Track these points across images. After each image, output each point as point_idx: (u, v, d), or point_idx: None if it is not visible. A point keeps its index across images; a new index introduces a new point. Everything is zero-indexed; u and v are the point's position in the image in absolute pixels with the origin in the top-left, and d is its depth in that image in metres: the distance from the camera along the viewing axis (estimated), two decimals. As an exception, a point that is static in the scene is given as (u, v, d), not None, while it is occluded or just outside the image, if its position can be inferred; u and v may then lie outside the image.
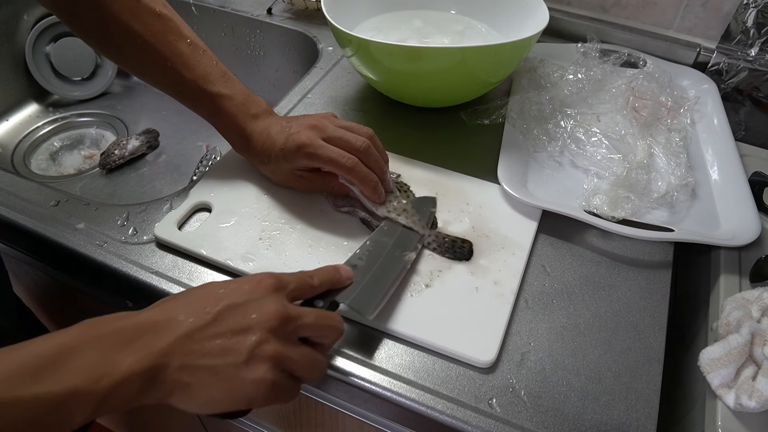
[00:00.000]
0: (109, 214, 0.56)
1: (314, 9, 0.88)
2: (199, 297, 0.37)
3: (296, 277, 0.41)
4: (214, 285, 0.39)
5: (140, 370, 0.32)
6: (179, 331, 0.34)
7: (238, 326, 0.36)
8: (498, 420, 0.42)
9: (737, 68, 0.75)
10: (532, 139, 0.65)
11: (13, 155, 0.90)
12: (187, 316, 0.35)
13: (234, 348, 0.35)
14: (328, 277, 0.43)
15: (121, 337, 0.33)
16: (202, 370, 0.34)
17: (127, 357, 0.32)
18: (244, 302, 0.37)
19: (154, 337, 0.33)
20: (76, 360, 0.31)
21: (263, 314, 0.36)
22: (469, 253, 0.52)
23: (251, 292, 0.38)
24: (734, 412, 0.41)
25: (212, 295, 0.37)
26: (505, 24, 0.75)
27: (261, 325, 0.36)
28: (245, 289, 0.38)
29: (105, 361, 0.32)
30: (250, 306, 0.37)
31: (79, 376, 0.31)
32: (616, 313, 0.50)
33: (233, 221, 0.54)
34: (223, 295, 0.37)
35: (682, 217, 0.58)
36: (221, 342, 0.35)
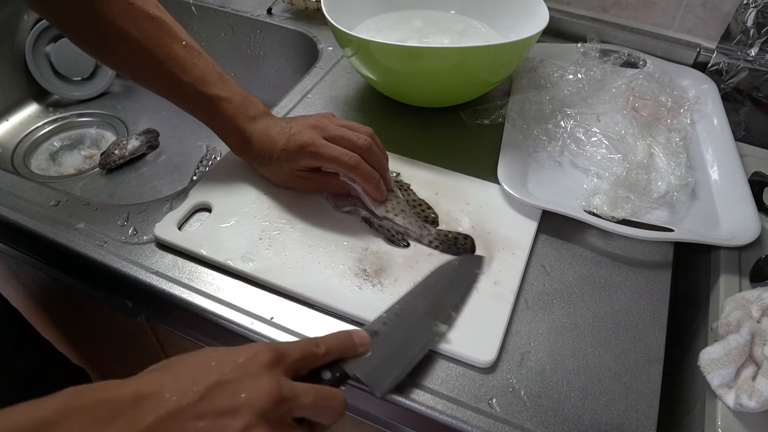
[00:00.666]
0: (109, 214, 0.56)
1: (314, 9, 0.88)
2: (189, 369, 0.34)
3: (300, 347, 0.38)
4: (207, 354, 0.35)
5: None
6: (163, 410, 0.31)
7: (225, 407, 0.33)
8: (498, 420, 0.42)
9: (737, 68, 0.75)
10: (532, 139, 0.65)
11: (13, 155, 0.90)
12: (173, 391, 0.32)
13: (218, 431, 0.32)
14: (338, 344, 0.40)
15: (104, 412, 0.31)
16: None
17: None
18: (235, 379, 0.34)
19: (136, 414, 0.31)
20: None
21: (255, 394, 0.33)
22: (471, 249, 0.53)
23: (245, 366, 0.34)
24: (734, 412, 0.41)
25: (203, 368, 0.34)
26: (505, 24, 0.75)
27: (251, 407, 0.33)
28: (239, 363, 0.35)
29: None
30: (241, 384, 0.34)
31: None
32: (616, 313, 0.50)
33: (233, 221, 0.54)
34: (214, 369, 0.34)
35: (682, 217, 0.58)
36: (206, 424, 0.32)
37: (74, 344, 0.82)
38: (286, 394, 0.34)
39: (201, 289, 0.50)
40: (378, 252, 0.52)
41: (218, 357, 0.35)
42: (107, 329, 0.70)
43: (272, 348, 0.36)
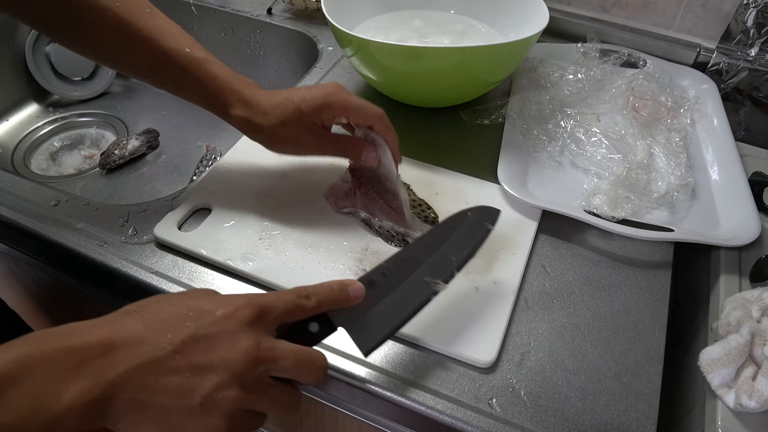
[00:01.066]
0: (109, 214, 0.56)
1: (314, 9, 0.88)
2: (164, 317, 0.32)
3: (286, 299, 0.36)
4: (184, 302, 0.33)
5: (84, 402, 0.29)
6: (134, 360, 0.30)
7: (199, 363, 0.31)
8: (498, 420, 0.42)
9: (737, 68, 0.75)
10: (532, 139, 0.65)
11: (13, 155, 0.90)
12: (145, 341, 0.30)
13: (190, 389, 0.31)
14: (330, 297, 0.38)
15: (69, 361, 0.29)
16: (153, 407, 0.31)
17: (71, 387, 0.28)
18: (212, 335, 0.32)
19: (104, 364, 0.29)
20: (13, 391, 0.27)
21: (231, 354, 0.32)
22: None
23: (224, 322, 0.32)
24: (734, 412, 0.41)
25: (178, 319, 0.32)
26: (505, 24, 0.75)
27: (226, 366, 0.31)
28: (218, 317, 0.33)
29: (45, 393, 0.28)
30: (218, 341, 0.32)
31: (18, 412, 0.27)
32: (616, 313, 0.50)
33: (233, 221, 0.54)
34: (191, 321, 0.32)
35: (682, 217, 0.58)
36: (177, 379, 0.31)
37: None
38: (264, 356, 0.33)
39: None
40: (378, 252, 0.52)
41: (196, 307, 0.33)
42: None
43: (255, 304, 0.34)
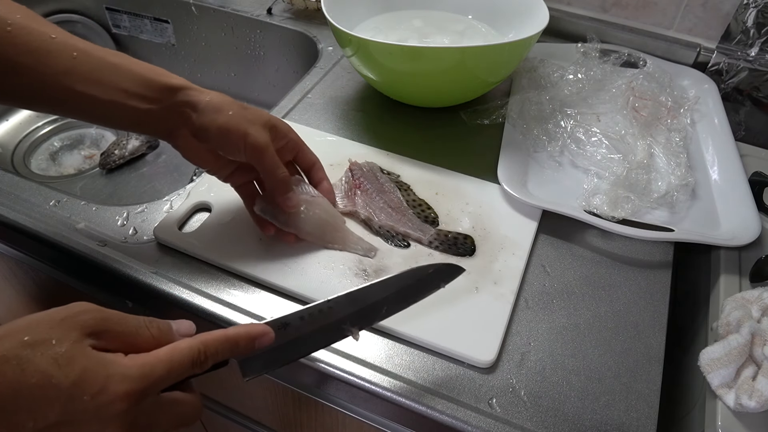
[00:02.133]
0: (109, 214, 0.56)
1: (314, 9, 0.88)
2: (28, 396, 0.28)
3: (178, 371, 0.32)
4: (49, 376, 0.28)
5: None
6: None
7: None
8: (498, 420, 0.42)
9: (737, 68, 0.75)
10: (532, 139, 0.65)
11: (13, 155, 0.91)
12: (4, 421, 0.27)
13: None
14: (232, 352, 0.36)
15: None
16: None
17: None
18: (80, 422, 0.29)
19: None
20: None
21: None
22: (471, 248, 0.53)
23: (96, 411, 0.29)
24: (734, 412, 0.41)
25: (45, 401, 0.28)
26: (505, 24, 0.74)
27: None
28: (89, 406, 0.29)
29: None
30: (86, 429, 0.29)
31: None
32: (616, 313, 0.50)
33: (233, 221, 0.54)
34: (59, 405, 0.28)
35: (682, 217, 0.58)
36: None
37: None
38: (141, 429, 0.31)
39: (201, 289, 0.50)
40: (378, 251, 0.52)
41: (68, 385, 0.29)
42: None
43: (135, 391, 0.30)
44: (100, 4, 0.99)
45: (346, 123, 0.68)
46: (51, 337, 0.30)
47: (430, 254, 0.52)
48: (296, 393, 0.55)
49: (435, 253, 0.53)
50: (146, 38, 1.00)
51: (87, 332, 0.31)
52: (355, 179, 0.57)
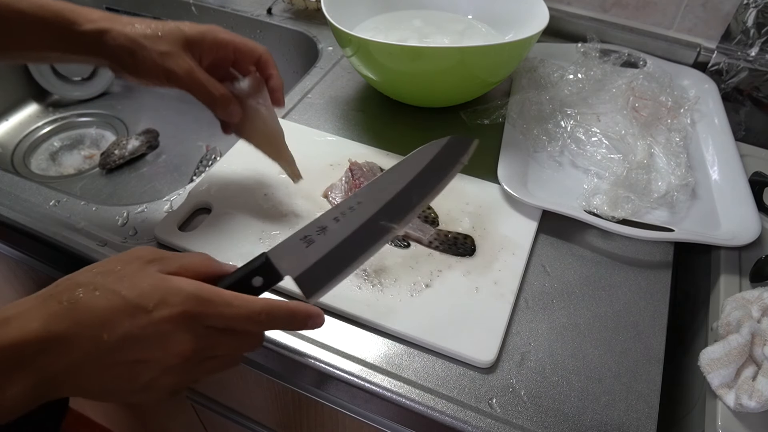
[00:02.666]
0: (109, 214, 0.56)
1: (314, 9, 0.88)
2: (98, 315, 0.31)
3: (237, 314, 0.34)
4: (118, 294, 0.32)
5: (29, 395, 0.30)
6: (73, 356, 0.30)
7: (136, 359, 0.32)
8: (498, 420, 0.42)
9: (737, 68, 0.75)
10: (532, 139, 0.65)
11: (13, 155, 0.90)
12: (82, 338, 0.30)
13: (129, 378, 0.32)
14: (288, 325, 0.37)
15: (9, 359, 0.29)
16: (97, 390, 0.32)
17: (15, 382, 0.29)
18: (147, 336, 0.32)
19: (45, 361, 0.30)
20: None
21: (165, 354, 0.32)
22: (471, 248, 0.53)
23: (158, 324, 0.32)
24: (734, 412, 0.41)
25: (113, 315, 0.31)
26: (505, 24, 0.74)
27: (160, 364, 0.32)
28: (153, 318, 0.32)
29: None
30: (153, 342, 0.32)
31: None
32: (616, 313, 0.50)
33: (233, 221, 0.54)
34: (126, 319, 0.31)
35: (682, 217, 0.58)
36: (116, 370, 0.32)
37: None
38: (199, 353, 0.34)
39: (201, 289, 0.49)
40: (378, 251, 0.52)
41: (132, 303, 0.32)
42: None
43: (193, 308, 0.33)
44: (100, 4, 0.99)
45: (346, 123, 0.68)
46: (118, 265, 0.34)
47: (430, 254, 0.52)
48: (296, 393, 0.55)
49: (435, 253, 0.53)
50: (146, 38, 1.00)
51: (148, 260, 0.35)
52: (355, 179, 0.57)
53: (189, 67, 0.47)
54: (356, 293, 0.49)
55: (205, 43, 0.49)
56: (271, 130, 0.52)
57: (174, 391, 0.35)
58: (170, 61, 0.46)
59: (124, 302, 0.32)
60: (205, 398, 0.70)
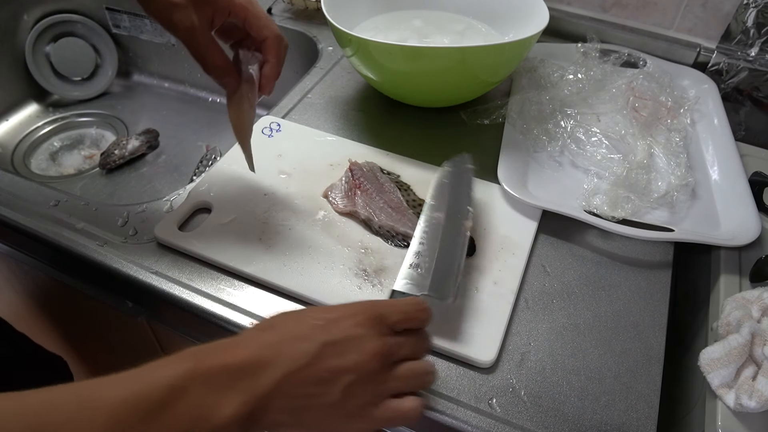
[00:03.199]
0: (109, 214, 0.56)
1: (314, 9, 0.88)
2: (296, 331, 0.36)
3: (400, 309, 0.39)
4: (307, 316, 0.37)
5: (243, 414, 0.32)
6: (279, 373, 0.33)
7: (334, 367, 0.35)
8: (498, 420, 0.42)
9: (737, 68, 0.75)
10: (532, 139, 0.65)
11: (13, 155, 0.91)
12: (286, 355, 0.34)
13: (329, 390, 0.34)
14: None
15: (226, 377, 0.32)
16: (299, 410, 0.34)
17: (231, 400, 0.32)
18: (342, 340, 0.35)
19: (256, 379, 0.33)
20: (183, 403, 0.31)
21: (361, 355, 0.35)
22: (471, 248, 0.53)
23: (349, 329, 0.36)
24: (734, 412, 0.41)
25: (309, 330, 0.36)
26: (505, 24, 0.74)
27: (357, 367, 0.35)
28: (343, 324, 0.36)
29: (211, 405, 0.31)
30: (348, 345, 0.35)
31: (186, 420, 0.31)
32: (616, 313, 0.50)
33: (234, 222, 0.54)
34: (320, 331, 0.36)
35: (682, 217, 0.58)
36: (317, 382, 0.34)
37: (73, 344, 0.82)
38: (388, 352, 0.36)
39: (201, 289, 0.50)
40: (378, 252, 0.52)
41: (322, 318, 0.37)
42: (107, 329, 0.70)
43: (374, 312, 0.37)
44: (100, 4, 0.99)
45: (346, 123, 0.68)
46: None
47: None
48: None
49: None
50: (146, 38, 1.00)
51: None
52: (355, 179, 0.57)
53: (191, 25, 0.46)
54: (357, 293, 0.49)
55: (219, 6, 0.48)
56: (242, 123, 0.52)
57: (372, 405, 0.36)
58: (177, 14, 0.46)
59: (323, 319, 0.36)
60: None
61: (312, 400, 0.34)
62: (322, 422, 0.35)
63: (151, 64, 1.03)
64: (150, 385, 0.31)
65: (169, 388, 0.31)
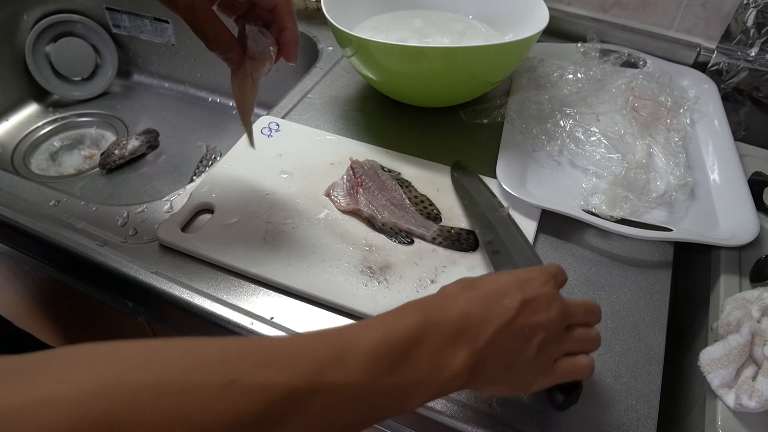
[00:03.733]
0: (109, 214, 0.56)
1: (314, 9, 0.88)
2: (497, 289, 0.37)
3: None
4: (500, 277, 0.39)
5: (469, 365, 0.33)
6: (492, 327, 0.35)
7: (532, 322, 0.36)
8: (498, 420, 0.42)
9: (737, 68, 0.75)
10: (531, 138, 0.65)
11: (13, 155, 0.91)
12: (496, 311, 0.36)
13: (528, 344, 0.36)
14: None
15: (453, 329, 0.34)
16: (504, 364, 0.36)
17: (459, 351, 0.33)
18: (536, 298, 0.37)
19: (477, 331, 0.34)
20: (421, 351, 0.32)
21: (551, 312, 0.37)
22: (475, 243, 0.53)
23: (541, 287, 0.38)
24: (734, 412, 0.41)
25: (509, 287, 0.37)
26: (505, 24, 0.74)
27: (549, 323, 0.37)
28: (536, 283, 0.38)
29: (443, 355, 0.33)
30: (541, 303, 0.37)
31: (425, 369, 0.32)
32: (616, 313, 0.50)
33: (236, 222, 0.54)
34: (518, 288, 0.37)
35: (680, 216, 0.58)
36: (519, 337, 0.36)
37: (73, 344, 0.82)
38: (568, 312, 0.39)
39: (201, 289, 0.50)
40: (382, 249, 0.52)
41: (515, 278, 0.39)
42: (107, 329, 0.70)
43: (553, 275, 0.40)
44: (100, 4, 0.99)
45: (346, 123, 0.68)
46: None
47: (434, 250, 0.53)
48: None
49: (439, 249, 0.53)
50: (146, 38, 1.00)
51: None
52: (356, 177, 0.57)
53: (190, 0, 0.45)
54: (362, 290, 0.49)
55: None
56: (245, 100, 0.50)
57: (555, 362, 0.38)
58: None
59: (516, 278, 0.38)
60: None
61: (516, 354, 0.36)
62: (522, 377, 0.37)
63: (151, 64, 1.03)
64: (394, 333, 0.32)
65: (410, 336, 0.32)
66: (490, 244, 0.52)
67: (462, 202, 0.57)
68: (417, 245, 0.53)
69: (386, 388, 0.31)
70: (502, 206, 0.56)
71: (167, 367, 0.26)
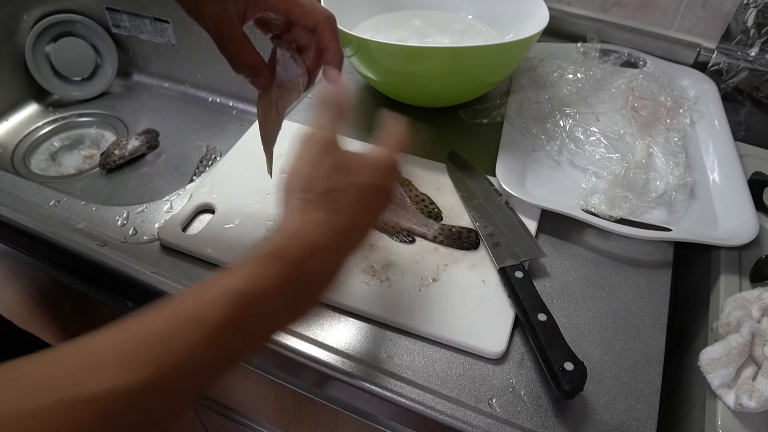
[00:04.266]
0: (109, 214, 0.56)
1: (314, 9, 0.88)
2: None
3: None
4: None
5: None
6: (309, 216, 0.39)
7: (344, 183, 0.39)
8: (498, 420, 0.42)
9: (737, 68, 0.75)
10: (531, 138, 0.65)
11: (13, 155, 0.91)
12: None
13: (349, 195, 0.39)
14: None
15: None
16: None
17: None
18: (341, 162, 0.41)
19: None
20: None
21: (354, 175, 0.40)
22: (476, 241, 0.53)
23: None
24: (734, 412, 0.41)
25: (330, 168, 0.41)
26: (505, 24, 0.74)
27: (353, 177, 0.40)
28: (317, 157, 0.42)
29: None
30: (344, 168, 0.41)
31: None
32: (616, 313, 0.50)
33: (237, 222, 0.54)
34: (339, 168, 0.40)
35: (680, 216, 0.58)
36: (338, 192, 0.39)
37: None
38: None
39: (201, 289, 0.49)
40: (383, 248, 0.52)
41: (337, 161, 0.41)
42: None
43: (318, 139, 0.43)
44: (100, 4, 0.99)
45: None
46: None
47: (435, 249, 0.53)
48: (296, 393, 0.55)
49: (440, 247, 0.53)
50: (146, 38, 1.00)
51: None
52: (355, 179, 0.57)
53: (218, 18, 0.42)
54: (364, 290, 0.49)
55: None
56: (267, 129, 0.50)
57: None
58: (204, 5, 0.42)
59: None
60: (207, 399, 0.70)
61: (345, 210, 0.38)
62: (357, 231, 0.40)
63: (151, 64, 1.03)
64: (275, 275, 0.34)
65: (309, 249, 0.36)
66: (491, 237, 0.53)
67: (460, 195, 0.58)
68: (418, 244, 0.53)
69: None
70: (500, 194, 0.57)
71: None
